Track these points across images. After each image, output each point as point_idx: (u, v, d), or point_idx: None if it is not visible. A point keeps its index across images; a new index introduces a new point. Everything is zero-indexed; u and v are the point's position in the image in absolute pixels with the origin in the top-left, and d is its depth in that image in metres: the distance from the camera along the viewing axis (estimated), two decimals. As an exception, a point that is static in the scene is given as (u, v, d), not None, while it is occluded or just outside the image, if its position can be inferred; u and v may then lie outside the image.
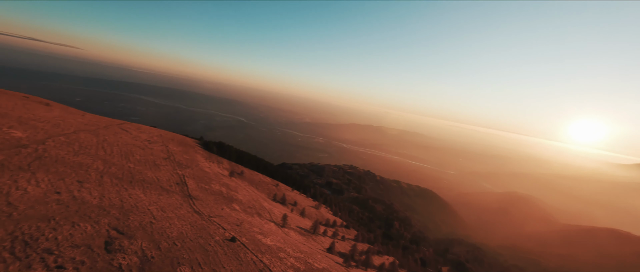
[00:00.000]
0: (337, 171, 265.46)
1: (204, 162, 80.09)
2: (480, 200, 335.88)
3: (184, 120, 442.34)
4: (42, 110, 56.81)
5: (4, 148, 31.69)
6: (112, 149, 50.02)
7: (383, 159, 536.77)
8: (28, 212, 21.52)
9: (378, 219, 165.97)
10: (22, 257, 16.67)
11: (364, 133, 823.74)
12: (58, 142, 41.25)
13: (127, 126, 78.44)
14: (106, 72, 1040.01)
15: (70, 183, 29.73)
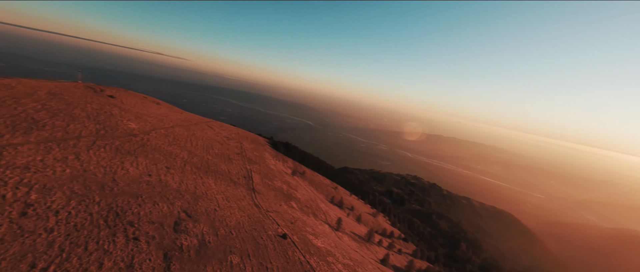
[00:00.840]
0: (399, 181, 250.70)
1: (271, 160, 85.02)
2: (578, 234, 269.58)
3: (260, 121, 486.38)
4: (154, 108, 69.07)
5: (121, 135, 39.13)
6: (197, 142, 57.20)
7: (452, 173, 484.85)
8: (125, 188, 25.61)
9: (441, 237, 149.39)
10: (111, 225, 19.62)
11: (432, 143, 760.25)
12: (159, 133, 49.13)
13: (213, 124, 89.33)
14: (206, 79, 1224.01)
15: (160, 168, 34.66)
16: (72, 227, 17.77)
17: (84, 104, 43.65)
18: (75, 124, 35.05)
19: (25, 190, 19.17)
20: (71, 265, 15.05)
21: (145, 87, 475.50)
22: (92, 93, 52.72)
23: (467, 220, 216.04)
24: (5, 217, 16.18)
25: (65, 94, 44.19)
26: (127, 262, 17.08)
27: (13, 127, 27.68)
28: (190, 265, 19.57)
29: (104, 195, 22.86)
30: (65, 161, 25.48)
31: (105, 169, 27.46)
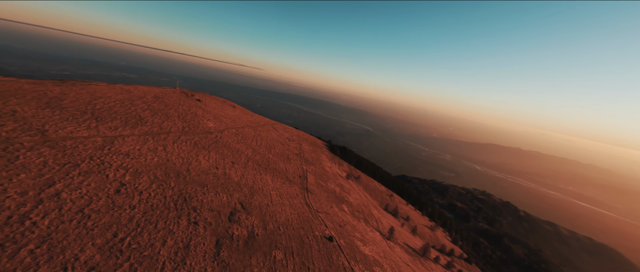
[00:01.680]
0: (464, 195, 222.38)
1: (327, 162, 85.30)
2: None
3: (321, 125, 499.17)
4: (230, 110, 77.11)
5: (200, 133, 44.40)
6: (261, 142, 61.17)
7: (532, 192, 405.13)
8: (195, 177, 28.53)
9: (515, 264, 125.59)
10: (178, 209, 21.82)
11: (507, 156, 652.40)
12: (231, 133, 54.24)
13: (278, 126, 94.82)
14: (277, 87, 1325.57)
15: (226, 163, 37.84)
16: (149, 206, 20.34)
17: (177, 105, 51.30)
18: (168, 122, 41.18)
19: (122, 172, 22.92)
20: (142, 239, 17.03)
21: (228, 94, 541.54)
22: (185, 97, 61.74)
23: (552, 249, 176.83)
24: (105, 193, 19.45)
25: (165, 97, 52.76)
26: (185, 243, 18.56)
27: (125, 122, 33.97)
28: (237, 254, 20.25)
29: (178, 182, 25.81)
30: (155, 151, 29.85)
31: (183, 160, 31.20)
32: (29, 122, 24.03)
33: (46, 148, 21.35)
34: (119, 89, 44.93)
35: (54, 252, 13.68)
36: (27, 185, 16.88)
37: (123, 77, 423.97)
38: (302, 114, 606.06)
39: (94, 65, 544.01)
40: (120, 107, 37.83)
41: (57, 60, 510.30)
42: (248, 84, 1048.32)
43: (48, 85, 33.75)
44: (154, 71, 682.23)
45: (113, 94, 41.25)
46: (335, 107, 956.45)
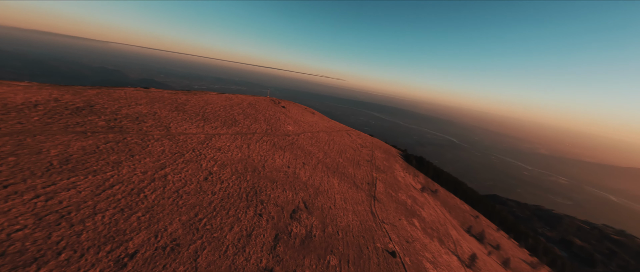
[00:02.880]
0: (588, 231, 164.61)
1: (400, 172, 78.40)
2: None
3: (399, 134, 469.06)
4: (309, 116, 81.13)
5: (280, 135, 47.86)
6: (333, 146, 61.34)
7: None
8: (268, 174, 30.39)
9: None
10: (249, 200, 23.37)
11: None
12: (306, 136, 56.54)
13: (352, 132, 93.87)
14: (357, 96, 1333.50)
15: (298, 163, 39.16)
16: (226, 194, 22.50)
17: (265, 111, 57.23)
18: (255, 124, 46.08)
19: (212, 163, 26.40)
20: (215, 222, 18.75)
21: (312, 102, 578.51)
22: (273, 104, 68.48)
23: None
24: (196, 179, 22.64)
25: (257, 104, 59.77)
26: (248, 232, 19.46)
27: (224, 123, 39.75)
28: (292, 251, 19.93)
29: (253, 176, 27.97)
30: (241, 148, 33.51)
31: (261, 157, 33.88)
32: (161, 121, 30.85)
33: (167, 140, 26.72)
34: (225, 98, 53.47)
35: (152, 221, 16.39)
36: (148, 166, 21.25)
37: (236, 89, 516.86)
38: (379, 121, 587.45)
39: (219, 81, 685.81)
40: (222, 111, 44.73)
41: (197, 78, 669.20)
42: (331, 94, 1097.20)
43: (179, 95, 43.07)
44: (258, 84, 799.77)
45: (220, 101, 49.30)
46: (416, 115, 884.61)
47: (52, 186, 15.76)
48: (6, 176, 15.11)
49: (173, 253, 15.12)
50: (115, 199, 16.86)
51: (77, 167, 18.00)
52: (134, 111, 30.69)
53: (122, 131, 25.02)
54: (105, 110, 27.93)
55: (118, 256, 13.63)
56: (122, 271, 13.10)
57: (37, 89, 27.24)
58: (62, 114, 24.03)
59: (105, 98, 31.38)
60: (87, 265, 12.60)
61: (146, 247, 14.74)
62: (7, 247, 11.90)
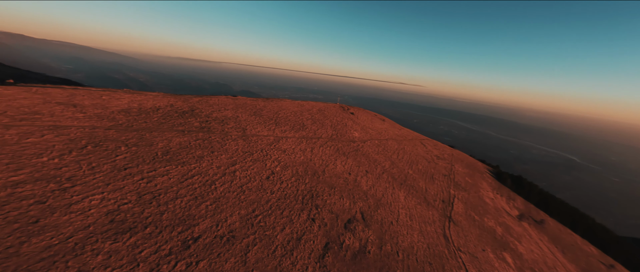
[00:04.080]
0: None
1: (488, 192, 64.42)
2: None
3: (489, 147, 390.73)
4: (378, 123, 77.22)
5: (344, 141, 46.88)
6: (403, 156, 55.84)
7: None
8: (327, 179, 29.71)
9: None
10: (304, 203, 23.13)
11: None
12: (373, 143, 53.58)
13: (427, 142, 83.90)
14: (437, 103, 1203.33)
15: (360, 171, 37.09)
16: (283, 194, 22.96)
17: (333, 117, 57.63)
18: (322, 130, 46.70)
19: (276, 164, 27.70)
20: (269, 220, 19.17)
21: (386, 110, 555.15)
22: (341, 110, 68.52)
23: None
24: (260, 177, 24.06)
25: (326, 110, 60.95)
26: (299, 236, 19.03)
27: (292, 127, 41.87)
28: (341, 265, 18.29)
29: (312, 179, 27.83)
30: (304, 151, 34.23)
31: (322, 161, 33.64)
32: (240, 124, 34.89)
33: (241, 140, 29.80)
34: (297, 104, 56.79)
35: (216, 211, 18.01)
36: (222, 162, 23.94)
37: (314, 97, 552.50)
38: (464, 132, 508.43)
39: (299, 91, 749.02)
40: (293, 116, 47.39)
41: (282, 88, 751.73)
42: (407, 101, 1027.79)
43: (258, 102, 48.22)
44: (334, 92, 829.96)
45: (292, 107, 52.60)
46: (514, 125, 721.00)
47: (153, 171, 19.50)
48: (127, 161, 19.63)
49: (228, 244, 16.04)
50: (193, 187, 19.44)
51: (172, 159, 21.86)
52: (222, 115, 35.84)
53: (209, 131, 29.38)
54: (201, 114, 33.63)
55: (185, 237, 15.36)
56: (186, 251, 14.61)
57: (162, 97, 35.44)
58: (172, 116, 30.20)
59: (204, 104, 37.98)
60: (162, 241, 14.63)
61: (208, 234, 16.16)
62: (115, 216, 15.08)
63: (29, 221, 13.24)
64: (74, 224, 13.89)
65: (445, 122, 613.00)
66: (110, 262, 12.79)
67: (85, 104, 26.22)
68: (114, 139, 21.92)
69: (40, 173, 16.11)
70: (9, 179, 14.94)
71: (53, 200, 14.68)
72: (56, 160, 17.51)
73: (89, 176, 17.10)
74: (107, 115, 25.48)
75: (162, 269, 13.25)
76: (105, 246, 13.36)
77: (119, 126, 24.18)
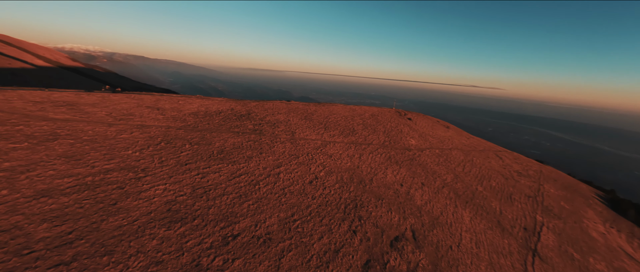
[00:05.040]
0: None
1: (596, 224, 49.40)
2: None
3: (600, 165, 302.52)
4: (441, 130, 69.04)
5: (399, 148, 43.20)
6: (471, 169, 47.98)
7: None
8: (374, 188, 27.50)
9: None
10: (346, 212, 21.73)
11: None
12: (432, 153, 47.83)
13: (504, 154, 70.54)
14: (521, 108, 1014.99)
15: (415, 182, 33.25)
16: (325, 201, 22.11)
17: (386, 122, 54.22)
18: (373, 135, 44.28)
19: (320, 168, 27.18)
20: (307, 226, 18.56)
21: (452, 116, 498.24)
22: (397, 116, 64.02)
23: None
24: (302, 181, 23.88)
25: (379, 115, 57.89)
26: (337, 248, 17.78)
27: (342, 132, 40.97)
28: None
29: (357, 187, 26.18)
30: (352, 157, 32.79)
31: (371, 169, 31.48)
32: (290, 127, 35.96)
33: (289, 143, 30.49)
34: (348, 109, 55.70)
35: (257, 211, 18.42)
36: (268, 163, 24.76)
37: (370, 103, 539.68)
38: (560, 144, 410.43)
39: (356, 96, 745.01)
40: (343, 121, 46.50)
41: (339, 94, 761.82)
42: (480, 106, 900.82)
43: (310, 106, 49.18)
44: (392, 97, 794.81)
45: (343, 112, 51.80)
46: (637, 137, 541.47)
47: (207, 168, 21.47)
48: (188, 157, 22.18)
49: (264, 246, 16.06)
50: (239, 186, 20.50)
51: (225, 157, 23.74)
52: (274, 118, 37.70)
53: (261, 133, 31.09)
54: (256, 117, 36.08)
55: (226, 233, 16.06)
56: (225, 247, 15.20)
57: (225, 102, 39.68)
58: (231, 119, 33.27)
59: (259, 108, 40.82)
60: (206, 234, 15.60)
61: (246, 233, 16.55)
62: (172, 205, 16.93)
63: (110, 202, 16.01)
64: (141, 209, 16.14)
65: (532, 131, 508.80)
66: (161, 247, 14.24)
67: (166, 107, 31.40)
68: (181, 137, 25.30)
69: (124, 163, 19.58)
70: (103, 167, 18.59)
71: (129, 187, 17.50)
72: (137, 153, 21.08)
73: (158, 169, 19.91)
74: (180, 117, 29.84)
75: (202, 262, 14.03)
76: (160, 232, 15.00)
77: (188, 126, 27.90)
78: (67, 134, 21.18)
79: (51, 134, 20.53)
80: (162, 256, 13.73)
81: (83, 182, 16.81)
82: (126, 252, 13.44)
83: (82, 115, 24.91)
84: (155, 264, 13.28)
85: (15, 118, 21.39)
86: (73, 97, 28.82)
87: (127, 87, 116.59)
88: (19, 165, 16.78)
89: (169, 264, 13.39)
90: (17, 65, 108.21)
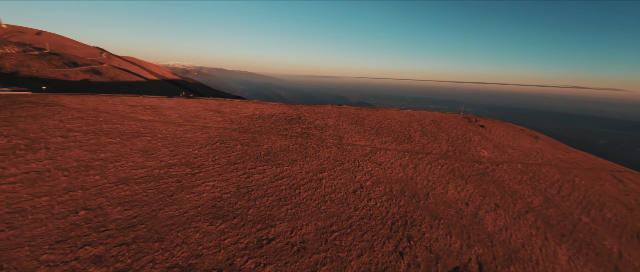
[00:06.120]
0: None
1: None
2: None
3: None
4: (525, 140, 56.69)
5: (465, 160, 36.98)
6: (571, 192, 37.33)
7: None
8: (430, 205, 23.81)
9: None
10: (392, 229, 19.22)
11: None
12: (512, 168, 39.32)
13: (627, 176, 52.91)
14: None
15: (486, 202, 27.58)
16: (368, 214, 20.15)
17: (451, 129, 47.59)
18: (433, 144, 39.30)
19: (367, 177, 25.21)
20: (345, 240, 17.08)
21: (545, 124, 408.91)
22: (466, 122, 55.67)
23: None
24: (345, 189, 22.46)
25: (442, 122, 51.37)
26: (378, 269, 15.70)
27: (395, 138, 37.72)
28: (432, 331, 13.27)
29: (409, 203, 23.13)
30: (405, 167, 29.54)
31: (428, 183, 27.61)
32: (338, 131, 35.03)
33: (335, 148, 29.53)
34: (406, 114, 51.32)
35: (294, 217, 17.97)
36: (312, 168, 24.30)
37: (435, 108, 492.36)
38: None
39: (417, 101, 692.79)
40: (398, 126, 42.90)
41: (398, 99, 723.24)
42: (588, 112, 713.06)
43: (362, 110, 47.29)
44: (461, 101, 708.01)
45: (399, 117, 47.97)
46: None
47: (253, 169, 22.35)
48: (237, 157, 23.61)
49: (297, 255, 15.36)
50: (280, 188, 20.56)
51: (270, 159, 24.40)
52: (323, 123, 37.46)
53: (308, 137, 31.11)
54: (305, 121, 36.51)
55: (261, 236, 16.04)
56: (258, 250, 15.14)
57: (278, 106, 41.67)
58: (281, 122, 34.50)
59: (310, 112, 41.34)
60: (242, 234, 15.90)
61: (281, 238, 16.20)
62: (217, 202, 18.00)
63: (168, 193, 18.06)
64: (191, 202, 17.67)
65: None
66: (202, 241, 15.09)
67: (226, 110, 34.83)
68: (235, 138, 27.34)
69: (185, 159, 22.09)
70: (168, 161, 21.35)
71: (185, 181, 19.51)
72: (196, 151, 23.59)
73: (211, 166, 21.74)
74: (236, 119, 32.56)
75: (236, 262, 14.21)
76: (203, 227, 16.00)
77: (242, 128, 30.10)
78: (148, 132, 25.41)
79: (136, 131, 24.97)
80: (201, 250, 14.48)
81: (151, 174, 19.55)
82: (173, 241, 14.69)
83: (161, 116, 29.72)
84: (195, 257, 14.07)
85: (116, 118, 26.94)
86: (157, 102, 34.91)
87: (208, 94, 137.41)
88: (111, 156, 20.75)
89: (206, 259, 13.99)
90: (135, 78, 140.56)
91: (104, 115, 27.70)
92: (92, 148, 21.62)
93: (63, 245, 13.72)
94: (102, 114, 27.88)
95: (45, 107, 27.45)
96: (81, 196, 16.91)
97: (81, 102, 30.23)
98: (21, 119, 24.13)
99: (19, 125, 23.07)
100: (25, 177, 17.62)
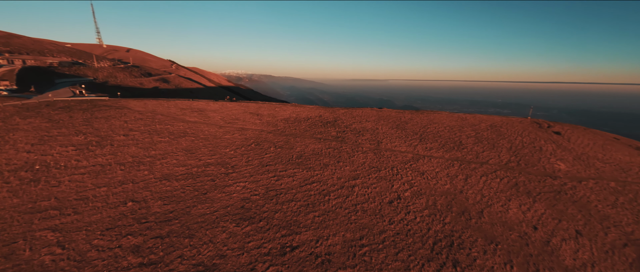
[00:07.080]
0: None
1: None
2: None
3: None
4: (624, 153, 45.23)
5: (534, 173, 30.90)
6: (698, 223, 27.92)
7: None
8: (484, 226, 20.17)
9: None
10: (434, 250, 16.65)
11: None
12: (602, 186, 31.43)
13: None
14: None
15: (563, 228, 22.31)
16: (405, 229, 17.93)
17: (515, 136, 40.76)
18: (490, 152, 34.03)
19: (406, 187, 22.76)
20: (377, 257, 15.35)
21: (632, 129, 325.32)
22: (536, 128, 47.22)
23: None
24: (380, 199, 20.55)
25: (503, 127, 44.46)
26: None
27: (443, 145, 33.80)
28: None
29: (456, 220, 19.99)
30: (453, 178, 25.97)
31: (482, 198, 23.65)
32: (376, 136, 32.92)
33: (371, 153, 27.65)
34: (456, 117, 45.98)
35: (321, 225, 16.96)
36: (344, 174, 23.00)
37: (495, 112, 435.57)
38: None
39: (473, 104, 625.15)
40: (447, 132, 38.50)
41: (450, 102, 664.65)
42: None
43: (404, 114, 43.95)
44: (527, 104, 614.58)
45: (448, 121, 43.18)
46: None
47: (283, 172, 22.14)
48: (270, 159, 23.74)
49: (321, 267, 14.29)
50: (309, 194, 19.81)
51: (302, 163, 23.93)
52: (361, 126, 35.76)
53: (343, 141, 29.87)
54: (341, 124, 35.35)
55: (285, 243, 15.44)
56: (281, 258, 14.53)
57: (315, 110, 41.43)
58: (317, 125, 34.00)
59: (347, 115, 40.04)
60: (266, 238, 15.51)
61: (305, 247, 15.35)
62: (245, 203, 18.11)
63: (203, 191, 18.89)
64: (221, 201, 18.13)
65: None
66: (228, 242, 15.16)
67: (264, 113, 35.94)
68: (269, 140, 27.75)
69: (221, 159, 23.09)
70: (206, 160, 22.56)
71: (219, 180, 20.24)
72: (232, 151, 24.52)
73: (244, 167, 22.24)
74: (273, 122, 33.23)
75: (257, 268, 13.83)
76: (230, 227, 16.13)
77: (277, 131, 30.50)
78: (192, 132, 27.53)
79: (183, 132, 27.26)
80: (226, 251, 14.52)
81: (190, 172, 20.84)
82: (202, 239, 15.09)
83: (205, 118, 32.07)
84: (219, 257, 14.16)
85: (168, 120, 29.95)
86: (204, 105, 37.99)
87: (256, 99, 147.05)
88: (159, 153, 22.87)
89: (229, 261, 13.94)
90: (195, 86, 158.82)
91: (159, 117, 31.20)
92: (145, 146, 24.28)
93: (111, 232, 15.25)
94: (158, 115, 31.46)
95: (116, 109, 32.32)
96: (131, 188, 18.84)
97: (143, 106, 34.76)
98: (97, 120, 28.70)
99: (94, 124, 27.43)
100: (92, 170, 20.48)
